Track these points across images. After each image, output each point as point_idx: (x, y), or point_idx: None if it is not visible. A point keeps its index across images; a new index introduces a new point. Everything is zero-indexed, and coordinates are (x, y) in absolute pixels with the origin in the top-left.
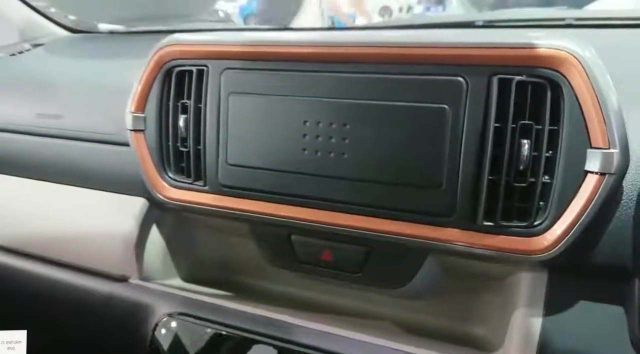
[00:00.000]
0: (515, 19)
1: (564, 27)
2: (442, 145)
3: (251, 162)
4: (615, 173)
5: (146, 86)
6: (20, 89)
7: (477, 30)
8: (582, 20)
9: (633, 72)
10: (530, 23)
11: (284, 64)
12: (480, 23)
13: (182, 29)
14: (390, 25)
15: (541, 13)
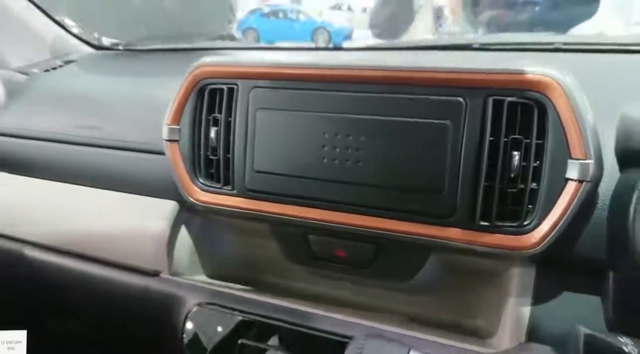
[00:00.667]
0: (508, 43)
1: (553, 51)
2: (444, 155)
3: (275, 169)
4: (591, 180)
5: (181, 102)
6: (59, 103)
7: (475, 53)
8: (569, 45)
9: (609, 93)
10: (522, 47)
11: (306, 84)
12: (476, 46)
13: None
14: (397, 46)
15: (532, 38)
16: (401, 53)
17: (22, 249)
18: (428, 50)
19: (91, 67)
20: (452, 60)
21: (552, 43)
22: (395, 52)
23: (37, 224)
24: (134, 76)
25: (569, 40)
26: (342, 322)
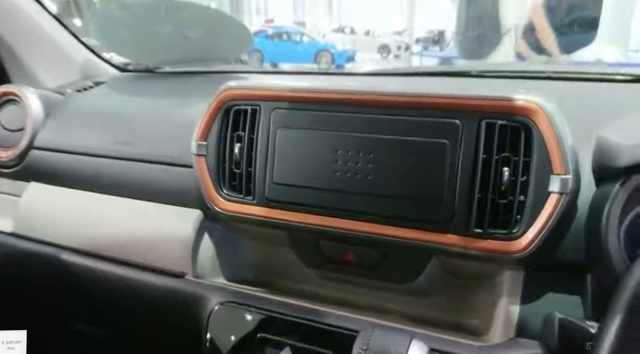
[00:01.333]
0: (503, 71)
1: (544, 79)
2: (443, 170)
3: (293, 181)
4: (571, 193)
5: (209, 120)
6: (94, 120)
7: (473, 80)
8: (557, 73)
9: (588, 117)
10: (516, 74)
11: (320, 106)
12: (474, 73)
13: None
14: (403, 72)
15: (525, 66)
16: (407, 78)
17: (59, 254)
18: (430, 76)
19: (120, 88)
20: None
21: (544, 71)
22: (402, 78)
23: (74, 231)
24: (161, 97)
25: (557, 69)
26: (351, 318)
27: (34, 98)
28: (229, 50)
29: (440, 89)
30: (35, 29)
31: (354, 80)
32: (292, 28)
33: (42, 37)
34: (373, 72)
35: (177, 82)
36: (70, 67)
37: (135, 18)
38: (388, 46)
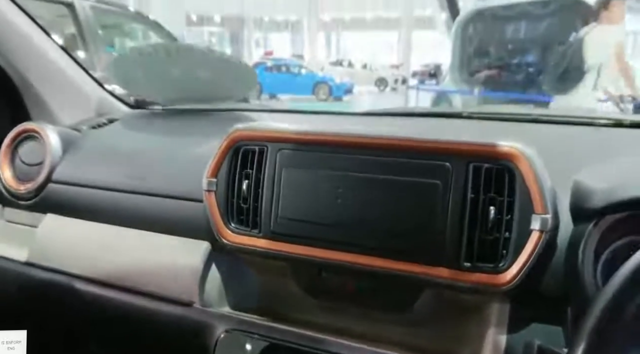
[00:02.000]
0: (492, 113)
1: (530, 122)
2: (435, 208)
3: (296, 216)
4: (550, 231)
5: (220, 159)
6: (109, 156)
7: (464, 121)
8: (542, 117)
9: (568, 160)
10: (503, 117)
11: (322, 147)
12: (465, 115)
13: (224, 108)
14: (398, 113)
15: (513, 110)
16: (403, 119)
17: (72, 283)
18: (424, 117)
19: (133, 125)
20: (445, 128)
21: (531, 114)
22: (398, 118)
23: (87, 261)
24: (171, 134)
25: (544, 112)
26: (351, 347)
27: (53, 135)
28: (236, 89)
29: (433, 132)
30: (53, 68)
31: (353, 120)
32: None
33: (60, 76)
34: (371, 112)
35: (186, 120)
36: (85, 104)
37: (148, 60)
38: (385, 79)
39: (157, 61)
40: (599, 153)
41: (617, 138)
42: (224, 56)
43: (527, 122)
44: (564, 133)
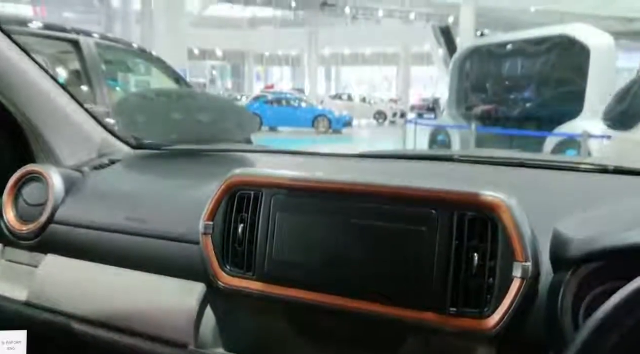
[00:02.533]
0: (482, 157)
1: (518, 166)
2: (422, 255)
3: (289, 260)
4: (532, 278)
5: (216, 203)
6: (110, 198)
7: (455, 164)
8: (530, 161)
9: (550, 207)
10: (493, 160)
11: (315, 194)
12: (456, 157)
13: (223, 148)
14: (390, 155)
15: (501, 153)
16: (395, 162)
17: (70, 323)
18: (417, 160)
19: (134, 167)
20: (435, 170)
21: (519, 159)
22: (391, 161)
23: (85, 301)
24: (171, 177)
25: (530, 157)
26: None
27: (56, 176)
28: (236, 133)
29: (423, 176)
30: (58, 111)
31: (348, 162)
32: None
33: (64, 118)
34: (364, 154)
35: (186, 161)
36: (88, 145)
37: (150, 104)
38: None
39: (159, 105)
40: (580, 200)
41: (600, 184)
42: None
43: (515, 167)
44: (549, 178)
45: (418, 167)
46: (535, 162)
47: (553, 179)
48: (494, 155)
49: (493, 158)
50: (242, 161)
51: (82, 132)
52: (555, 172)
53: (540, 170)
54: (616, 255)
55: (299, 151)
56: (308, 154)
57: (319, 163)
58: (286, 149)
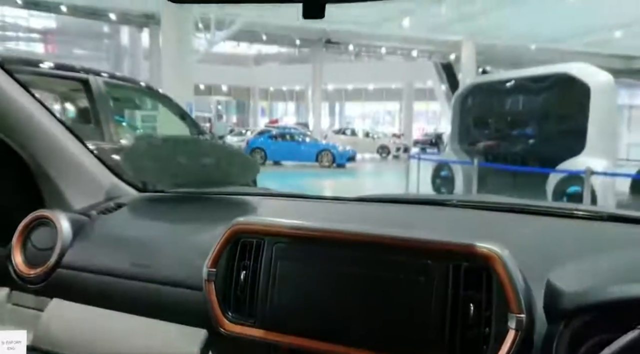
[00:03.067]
0: (480, 202)
1: (514, 212)
2: (419, 304)
3: (290, 308)
4: (526, 329)
5: (220, 251)
6: (116, 243)
7: (452, 210)
8: (528, 207)
9: (545, 257)
10: (491, 206)
11: (314, 243)
12: (453, 202)
13: (227, 192)
14: (388, 199)
15: (497, 199)
16: (395, 206)
17: None
18: (414, 204)
19: (139, 211)
20: (433, 216)
21: (516, 204)
22: (391, 205)
23: (89, 346)
24: (175, 222)
25: (526, 203)
26: None
27: (64, 221)
28: (238, 176)
29: (421, 222)
30: (68, 156)
31: (347, 207)
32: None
33: (73, 163)
34: (364, 198)
35: (191, 205)
36: (96, 189)
37: (157, 150)
38: (387, 147)
39: (165, 151)
40: (574, 248)
41: (595, 232)
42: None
43: (511, 212)
44: (545, 224)
45: (417, 213)
46: (531, 208)
47: (548, 226)
48: (491, 200)
49: (490, 204)
50: (245, 205)
51: (91, 176)
52: (551, 218)
53: (537, 216)
54: (609, 308)
55: (300, 195)
56: (309, 198)
57: (319, 207)
58: (287, 192)
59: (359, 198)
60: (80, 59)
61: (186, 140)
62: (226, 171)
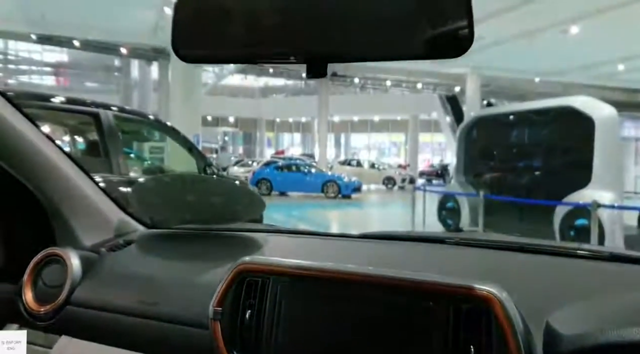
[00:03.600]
0: (481, 240)
1: (516, 251)
2: (419, 345)
3: (295, 346)
4: None
5: (225, 290)
6: (125, 281)
7: (453, 248)
8: (528, 246)
9: (545, 298)
10: (491, 244)
11: (318, 282)
12: (454, 240)
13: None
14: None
15: (498, 237)
16: (396, 243)
17: None
18: (413, 242)
19: (148, 248)
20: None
21: (518, 243)
22: (393, 243)
23: None
24: (183, 259)
25: (531, 242)
26: None
27: (75, 259)
28: (245, 213)
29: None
30: (76, 191)
31: (351, 244)
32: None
33: (82, 198)
34: (368, 235)
35: (198, 242)
36: (105, 226)
37: (165, 188)
38: (393, 178)
39: (174, 188)
40: (574, 288)
41: (597, 272)
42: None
43: (514, 251)
44: (545, 263)
45: (420, 251)
46: (532, 247)
47: (551, 265)
48: (494, 239)
49: (489, 242)
50: (251, 242)
51: (101, 213)
52: (553, 257)
53: (539, 255)
54: (607, 352)
55: (305, 231)
56: (314, 234)
57: (324, 244)
58: (292, 229)
59: (363, 235)
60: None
61: (194, 178)
62: (233, 207)
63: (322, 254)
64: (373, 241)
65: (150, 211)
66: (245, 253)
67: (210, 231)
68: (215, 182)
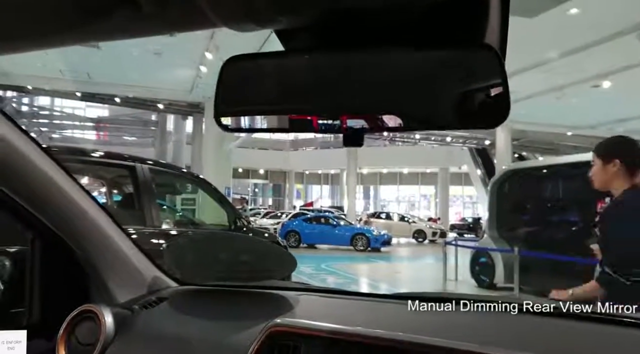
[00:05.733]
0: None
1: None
2: None
3: None
4: None
5: (257, 353)
6: (157, 340)
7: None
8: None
9: None
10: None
11: (353, 347)
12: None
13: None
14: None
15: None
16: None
17: None
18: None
19: (180, 306)
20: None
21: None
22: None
23: None
24: (214, 317)
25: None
26: None
27: (108, 316)
28: (276, 271)
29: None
30: (113, 247)
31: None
32: (330, 212)
33: (118, 254)
34: (402, 295)
35: (229, 300)
36: (139, 282)
37: (199, 245)
38: (423, 231)
39: (206, 246)
40: None
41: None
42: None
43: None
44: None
45: (454, 314)
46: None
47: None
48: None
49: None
50: (282, 300)
51: (134, 269)
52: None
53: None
54: None
55: (336, 290)
56: (346, 293)
57: (356, 305)
58: (324, 287)
59: (396, 295)
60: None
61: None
62: (264, 265)
63: (354, 315)
64: (404, 302)
65: (183, 268)
66: (276, 312)
67: (242, 288)
68: (247, 240)
